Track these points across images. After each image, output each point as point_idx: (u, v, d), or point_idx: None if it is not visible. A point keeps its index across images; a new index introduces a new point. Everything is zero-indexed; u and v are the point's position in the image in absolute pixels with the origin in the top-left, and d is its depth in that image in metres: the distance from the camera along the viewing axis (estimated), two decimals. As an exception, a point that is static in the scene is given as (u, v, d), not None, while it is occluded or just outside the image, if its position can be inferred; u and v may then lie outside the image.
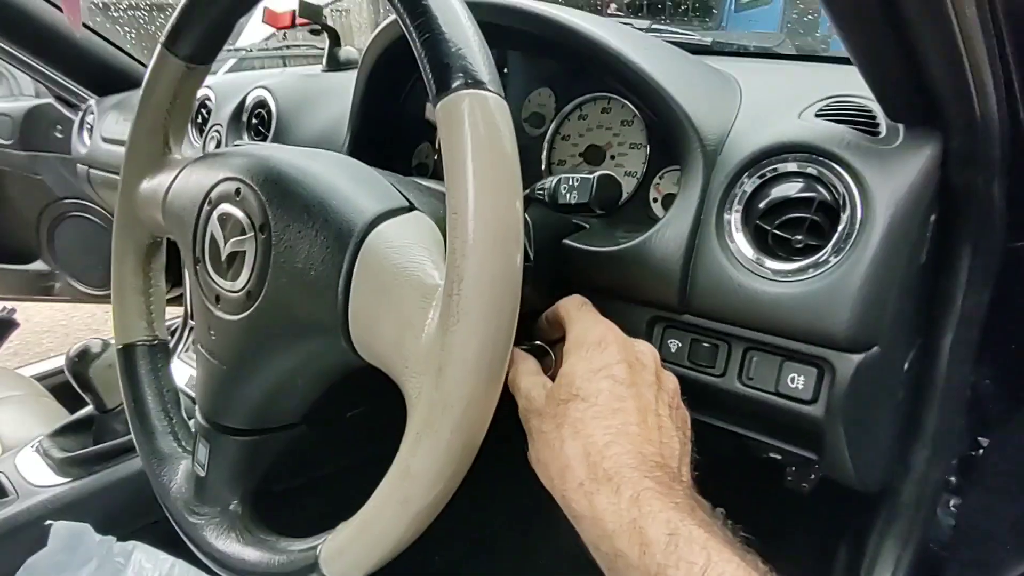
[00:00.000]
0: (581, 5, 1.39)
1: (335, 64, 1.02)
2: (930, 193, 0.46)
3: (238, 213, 0.45)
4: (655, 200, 0.63)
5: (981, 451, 0.76)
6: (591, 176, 0.44)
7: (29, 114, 1.71)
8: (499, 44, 0.74)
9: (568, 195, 0.45)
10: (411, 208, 0.44)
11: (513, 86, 0.75)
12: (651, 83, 0.54)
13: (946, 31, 0.40)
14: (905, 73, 0.44)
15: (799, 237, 0.47)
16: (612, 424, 0.37)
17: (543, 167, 0.72)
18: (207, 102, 1.03)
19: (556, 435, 0.38)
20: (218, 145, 0.93)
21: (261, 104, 0.89)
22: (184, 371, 1.02)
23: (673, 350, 0.54)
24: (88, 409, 0.87)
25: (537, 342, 0.49)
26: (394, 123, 0.82)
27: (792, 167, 0.48)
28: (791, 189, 0.48)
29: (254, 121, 0.89)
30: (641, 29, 0.95)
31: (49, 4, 1.31)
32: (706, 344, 0.52)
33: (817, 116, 0.50)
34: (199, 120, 1.04)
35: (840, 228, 0.45)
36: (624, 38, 0.58)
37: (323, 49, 1.05)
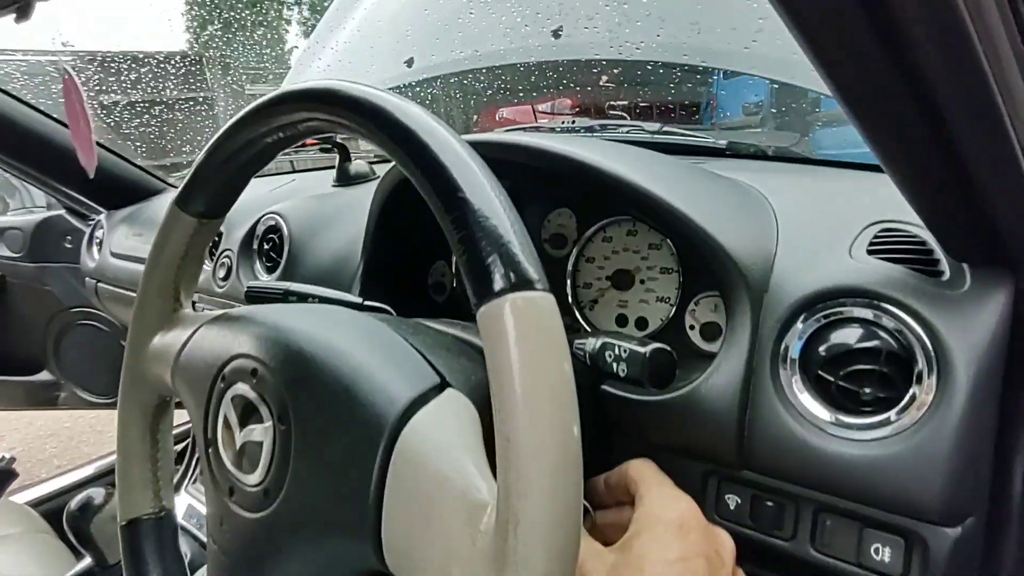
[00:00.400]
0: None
1: (346, 179, 1.01)
2: (1008, 339, 0.42)
3: (255, 398, 0.41)
4: (692, 327, 0.60)
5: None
6: (643, 349, 0.40)
7: (39, 227, 1.72)
8: (511, 175, 0.72)
9: (616, 366, 0.41)
10: (443, 385, 0.40)
11: (531, 207, 0.73)
12: (682, 217, 0.51)
13: (1009, 155, 0.36)
14: (964, 207, 0.40)
15: (868, 390, 0.43)
16: None
17: (567, 291, 0.68)
18: (217, 225, 1.02)
19: None
20: (228, 273, 0.91)
21: (273, 230, 0.87)
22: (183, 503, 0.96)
23: (732, 507, 0.49)
24: (87, 563, 0.81)
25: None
26: (409, 242, 0.80)
27: (851, 312, 0.44)
28: (852, 336, 0.44)
29: (266, 247, 0.88)
30: (651, 132, 0.95)
31: (56, 122, 1.33)
32: (770, 503, 0.47)
33: (871, 253, 0.47)
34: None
35: (918, 385, 0.41)
36: (640, 167, 0.56)
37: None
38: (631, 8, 1.01)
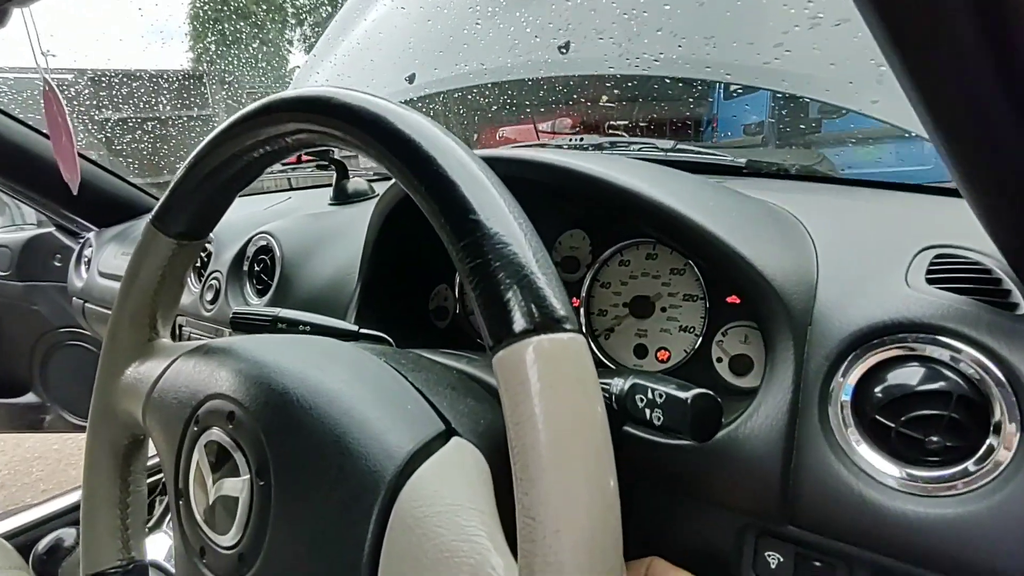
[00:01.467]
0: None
1: (343, 197, 0.97)
2: None
3: (230, 445, 0.36)
4: (719, 360, 0.54)
5: None
6: (684, 395, 0.35)
7: (28, 245, 1.67)
8: (519, 193, 0.67)
9: (650, 412, 0.35)
10: (448, 432, 0.35)
11: (541, 228, 0.68)
12: (713, 240, 0.46)
13: None
14: None
15: (935, 439, 0.37)
16: None
17: (580, 319, 0.63)
18: (206, 245, 0.97)
19: None
20: (216, 295, 0.86)
21: (265, 251, 0.82)
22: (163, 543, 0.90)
23: (774, 566, 0.43)
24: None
25: None
26: (410, 264, 0.75)
27: (912, 349, 0.39)
28: (913, 376, 0.39)
29: (256, 269, 0.82)
30: (665, 149, 0.90)
31: (45, 137, 1.29)
32: (818, 563, 0.42)
33: (931, 282, 0.42)
34: (197, 264, 0.97)
35: (996, 435, 0.36)
36: (662, 184, 0.51)
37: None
38: (642, 22, 0.97)
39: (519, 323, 0.25)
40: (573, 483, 0.23)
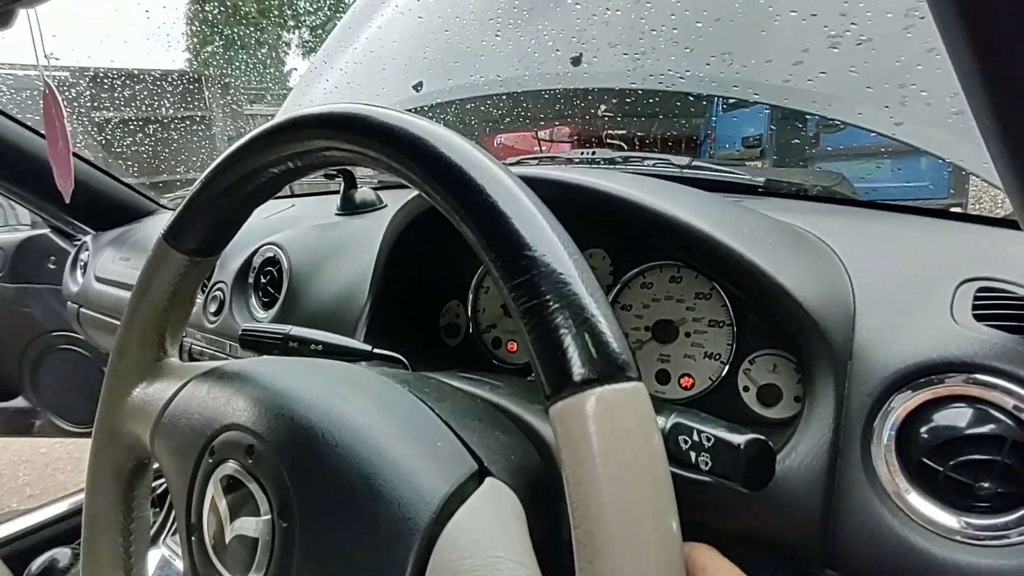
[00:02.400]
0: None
1: (351, 208, 0.95)
2: None
3: (250, 483, 0.34)
4: (746, 389, 0.53)
5: None
6: (737, 440, 0.33)
7: (21, 246, 1.64)
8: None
9: (695, 456, 0.34)
10: (482, 473, 0.33)
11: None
12: (747, 265, 0.45)
13: None
14: None
15: (986, 485, 0.36)
16: None
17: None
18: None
19: None
20: (220, 307, 0.83)
21: (271, 263, 0.80)
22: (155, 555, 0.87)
23: (808, 612, 0.42)
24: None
25: None
26: (422, 280, 0.73)
27: (961, 389, 0.38)
28: (962, 418, 0.37)
29: (263, 280, 0.80)
30: (680, 166, 0.89)
31: (42, 137, 1.26)
32: None
33: (979, 319, 0.40)
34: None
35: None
36: (686, 204, 0.49)
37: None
38: (657, 37, 0.96)
39: (581, 372, 0.23)
40: (643, 555, 0.21)
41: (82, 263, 1.39)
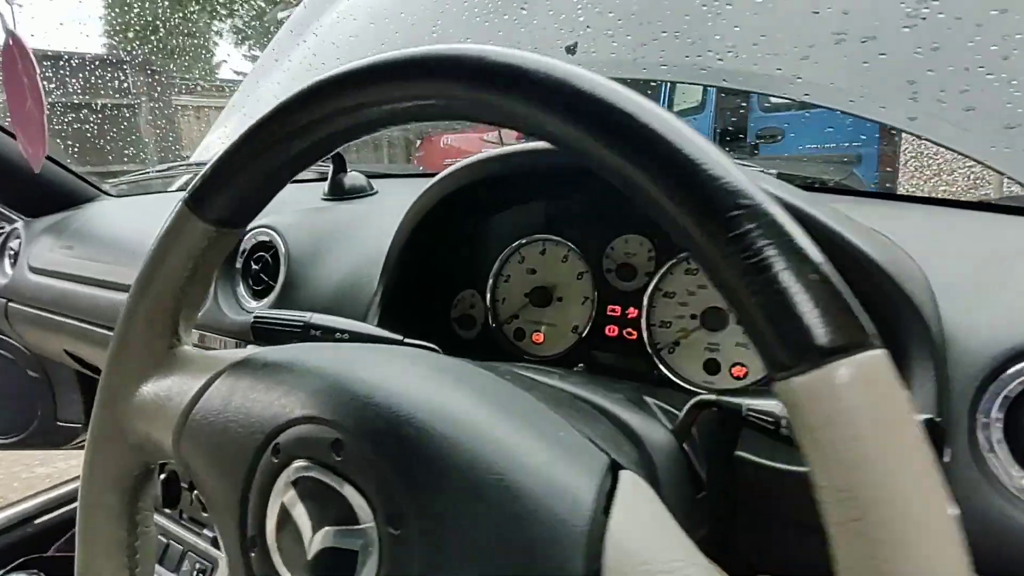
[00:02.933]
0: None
1: (339, 192, 0.88)
2: None
3: (341, 486, 0.28)
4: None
5: None
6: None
7: (-68, 234, 1.46)
8: (564, 192, 0.62)
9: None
10: (615, 466, 0.29)
11: (591, 232, 0.63)
12: (846, 244, 0.42)
13: None
14: None
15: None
16: None
17: (642, 330, 0.58)
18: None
19: None
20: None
21: (264, 247, 0.72)
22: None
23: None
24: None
25: None
26: (437, 271, 0.68)
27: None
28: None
29: (254, 267, 0.72)
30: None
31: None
32: None
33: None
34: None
35: None
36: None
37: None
38: (658, 26, 0.94)
39: (829, 338, 0.19)
40: (949, 546, 0.18)
41: (11, 252, 1.24)
